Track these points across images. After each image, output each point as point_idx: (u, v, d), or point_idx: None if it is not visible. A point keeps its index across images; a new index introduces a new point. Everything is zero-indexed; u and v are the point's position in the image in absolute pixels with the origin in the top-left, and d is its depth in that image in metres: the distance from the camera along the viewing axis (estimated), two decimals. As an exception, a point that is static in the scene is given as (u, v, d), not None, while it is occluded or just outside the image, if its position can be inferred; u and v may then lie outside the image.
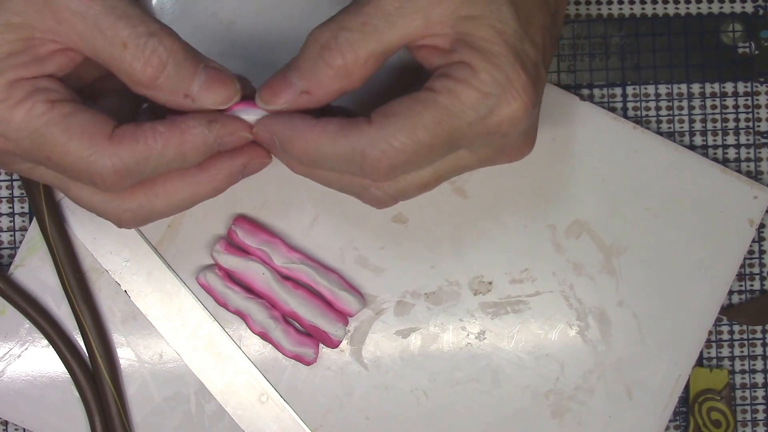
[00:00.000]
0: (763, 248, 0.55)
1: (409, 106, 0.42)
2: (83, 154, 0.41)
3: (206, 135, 0.42)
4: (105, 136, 0.42)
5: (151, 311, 0.53)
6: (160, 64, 0.41)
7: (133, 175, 0.42)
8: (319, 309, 0.52)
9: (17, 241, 0.54)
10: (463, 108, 0.41)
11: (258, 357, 0.53)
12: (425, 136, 0.41)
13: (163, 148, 0.42)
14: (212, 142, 0.43)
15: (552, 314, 0.54)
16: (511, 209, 0.53)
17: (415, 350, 0.53)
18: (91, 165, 0.41)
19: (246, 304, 0.52)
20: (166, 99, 0.42)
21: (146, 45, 0.41)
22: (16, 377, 0.53)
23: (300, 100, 0.43)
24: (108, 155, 0.41)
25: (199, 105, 0.42)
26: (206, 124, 0.42)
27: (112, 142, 0.41)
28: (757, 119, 0.55)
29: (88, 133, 0.41)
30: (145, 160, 0.42)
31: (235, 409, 0.53)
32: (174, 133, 0.42)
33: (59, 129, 0.41)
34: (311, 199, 0.53)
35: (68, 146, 0.41)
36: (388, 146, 0.41)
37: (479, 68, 0.41)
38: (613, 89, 0.55)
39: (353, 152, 0.42)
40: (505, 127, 0.42)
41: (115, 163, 0.41)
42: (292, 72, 0.43)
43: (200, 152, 0.43)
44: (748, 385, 0.55)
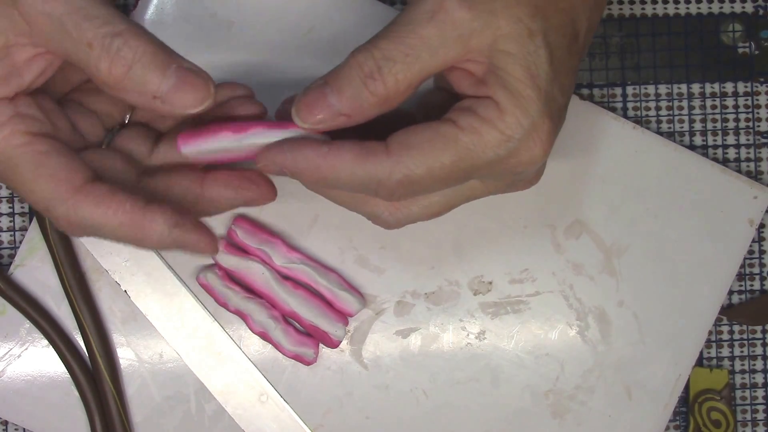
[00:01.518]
0: (763, 248, 0.55)
1: (430, 139, 0.42)
2: (45, 196, 0.41)
3: (164, 237, 0.42)
4: (71, 186, 0.41)
5: (151, 311, 0.53)
6: (125, 64, 0.40)
7: (86, 232, 0.42)
8: (319, 309, 0.52)
9: (17, 241, 0.54)
10: (485, 148, 0.41)
11: (258, 357, 0.53)
12: (443, 171, 0.42)
13: (119, 226, 0.41)
14: (168, 243, 0.42)
15: (552, 314, 0.54)
16: (511, 209, 0.53)
17: (415, 350, 0.53)
18: (50, 209, 0.41)
19: (246, 304, 0.52)
20: (135, 100, 0.42)
21: (111, 45, 0.40)
22: (16, 377, 0.53)
23: (337, 120, 0.42)
24: (65, 207, 0.41)
25: (170, 107, 0.41)
26: (169, 227, 0.42)
27: (75, 196, 0.41)
28: (757, 119, 0.55)
29: (55, 178, 0.41)
30: (99, 227, 0.41)
31: (235, 409, 0.53)
32: (136, 216, 0.41)
33: (31, 166, 0.41)
34: (311, 199, 0.53)
35: (34, 185, 0.41)
36: (405, 178, 0.41)
37: (507, 111, 0.41)
38: (613, 89, 0.55)
39: (370, 180, 0.42)
40: (521, 168, 0.43)
41: (70, 216, 0.41)
42: (332, 93, 0.42)
43: (153, 245, 0.42)
44: (748, 385, 0.55)
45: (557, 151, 0.53)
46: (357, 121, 0.42)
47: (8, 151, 0.41)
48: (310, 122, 0.42)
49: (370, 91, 0.41)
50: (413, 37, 0.41)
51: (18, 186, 0.42)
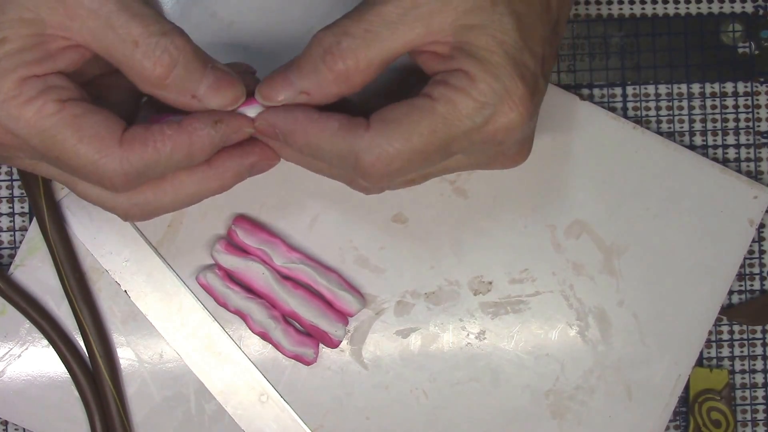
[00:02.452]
0: (763, 248, 0.55)
1: (406, 113, 0.42)
2: (93, 158, 0.42)
3: (212, 136, 0.43)
4: (115, 139, 0.42)
5: (151, 311, 0.53)
6: (170, 63, 0.42)
7: (142, 177, 0.43)
8: (319, 309, 0.52)
9: (17, 241, 0.54)
10: (460, 117, 0.42)
11: (258, 357, 0.53)
12: (420, 143, 0.42)
13: (172, 151, 0.42)
14: (218, 142, 0.43)
15: (552, 314, 0.54)
16: (511, 209, 0.53)
17: (415, 350, 0.53)
18: (101, 168, 0.42)
19: (246, 304, 0.52)
20: (174, 99, 0.43)
21: (158, 44, 0.41)
22: (16, 377, 0.53)
23: (298, 99, 0.43)
24: (118, 160, 0.42)
25: (205, 105, 0.43)
26: (212, 125, 0.43)
27: (122, 147, 0.42)
28: (757, 119, 0.55)
29: (98, 136, 0.42)
30: (154, 164, 0.42)
31: (235, 409, 0.53)
32: (182, 135, 0.42)
33: (70, 130, 0.42)
34: (311, 199, 0.53)
35: (78, 149, 0.42)
36: (383, 152, 0.42)
37: (478, 78, 0.42)
38: (613, 89, 0.55)
39: (349, 153, 0.42)
40: (500, 136, 0.43)
41: (124, 167, 0.42)
42: (292, 71, 0.43)
43: (207, 152, 0.43)
44: (748, 385, 0.55)
45: (557, 151, 0.53)
46: (318, 101, 0.43)
47: (44, 122, 0.41)
48: (271, 101, 0.44)
49: (328, 67, 0.42)
50: (373, 14, 0.42)
51: (62, 155, 0.42)
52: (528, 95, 0.42)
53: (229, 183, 0.46)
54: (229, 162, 0.45)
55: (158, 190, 0.44)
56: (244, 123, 0.44)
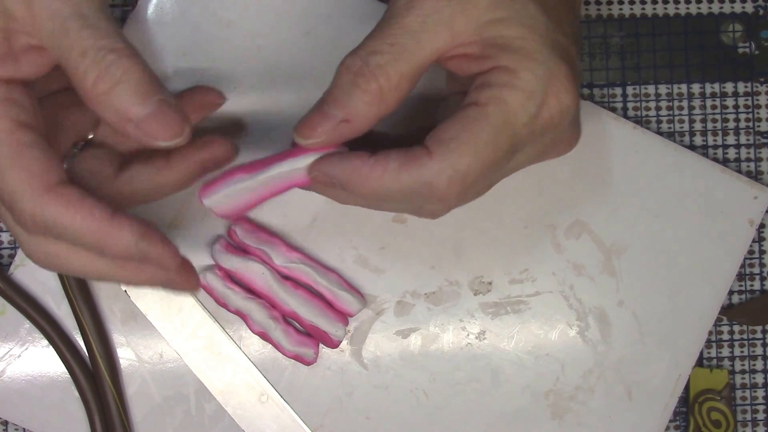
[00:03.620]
0: (763, 248, 0.55)
1: (463, 127, 0.41)
2: (16, 189, 0.40)
3: (130, 246, 0.41)
4: (44, 184, 0.41)
5: (151, 311, 0.53)
6: (111, 81, 0.40)
7: (49, 232, 0.41)
8: (319, 309, 0.52)
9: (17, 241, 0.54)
10: (516, 112, 0.41)
11: (258, 357, 0.53)
12: (489, 152, 0.41)
13: (85, 233, 0.41)
14: (133, 254, 0.41)
15: (552, 314, 0.54)
16: (511, 209, 0.53)
17: (415, 350, 0.53)
18: (17, 202, 0.41)
19: (246, 304, 0.52)
20: (110, 118, 0.41)
21: (103, 59, 0.40)
22: (16, 377, 0.53)
23: (339, 129, 0.42)
24: (33, 203, 0.40)
25: (141, 134, 0.41)
26: (136, 238, 0.41)
27: (46, 194, 0.41)
28: (757, 119, 0.55)
29: (31, 173, 0.40)
30: (63, 229, 0.41)
31: (235, 409, 0.53)
32: (103, 224, 0.41)
33: (9, 154, 0.40)
34: (311, 199, 0.53)
35: (7, 174, 0.40)
36: (456, 173, 0.41)
37: (519, 68, 0.41)
38: (613, 89, 0.55)
39: (420, 186, 0.41)
40: (556, 119, 0.42)
41: (36, 213, 0.40)
42: (328, 104, 0.42)
43: (119, 254, 0.41)
44: (748, 385, 0.55)
45: (557, 151, 0.53)
46: (360, 127, 0.42)
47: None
48: (312, 138, 0.42)
49: (362, 90, 0.41)
50: (395, 27, 0.41)
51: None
52: (571, 72, 0.42)
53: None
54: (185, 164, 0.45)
55: (71, 251, 0.43)
56: (168, 258, 0.42)
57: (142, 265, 0.43)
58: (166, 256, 0.42)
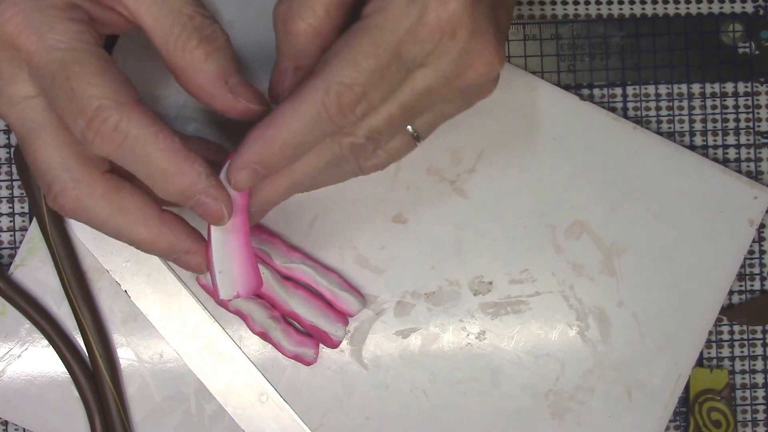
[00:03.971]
0: (763, 248, 0.55)
1: (345, 42, 0.41)
2: (104, 94, 0.40)
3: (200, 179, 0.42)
4: (132, 96, 0.41)
5: (152, 311, 0.53)
6: (215, 45, 0.43)
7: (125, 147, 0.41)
8: (319, 309, 0.52)
9: (17, 241, 0.54)
10: (394, 19, 0.40)
11: (258, 357, 0.53)
12: (369, 61, 0.40)
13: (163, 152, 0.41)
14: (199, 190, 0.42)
15: (552, 314, 0.54)
16: (511, 209, 0.53)
17: (415, 350, 0.53)
18: (103, 109, 0.40)
19: (246, 304, 0.52)
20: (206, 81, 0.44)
21: (211, 25, 0.43)
22: (16, 377, 0.53)
23: (299, 78, 0.43)
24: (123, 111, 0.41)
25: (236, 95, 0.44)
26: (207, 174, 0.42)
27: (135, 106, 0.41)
28: (757, 119, 0.55)
29: (119, 82, 0.41)
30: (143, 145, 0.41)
31: (235, 409, 0.53)
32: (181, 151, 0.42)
33: (97, 63, 0.41)
34: (311, 199, 0.53)
35: (96, 78, 0.40)
36: (340, 86, 0.40)
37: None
38: (613, 89, 0.55)
39: (316, 110, 0.41)
40: (445, 26, 0.40)
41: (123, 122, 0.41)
42: (278, 60, 0.44)
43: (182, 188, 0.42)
44: (748, 385, 0.55)
45: (557, 151, 0.53)
46: (308, 64, 0.43)
47: (77, 43, 0.41)
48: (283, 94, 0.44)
49: (293, 33, 0.42)
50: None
51: (76, 77, 0.40)
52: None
53: (160, 244, 0.44)
54: (175, 227, 0.44)
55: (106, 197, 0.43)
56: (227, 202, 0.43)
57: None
58: (225, 201, 0.43)
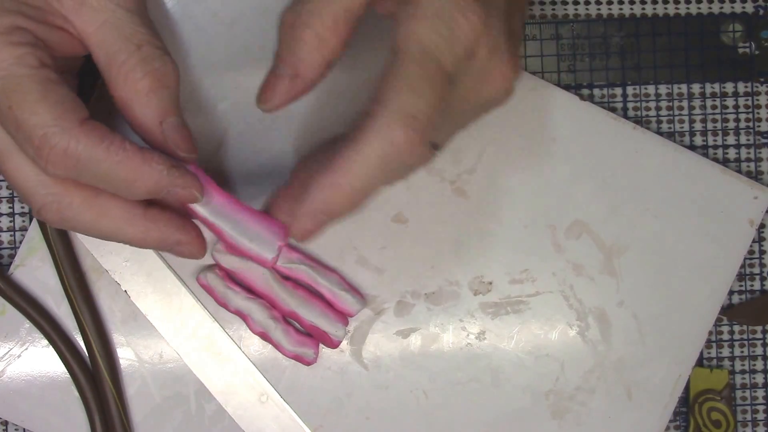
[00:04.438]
0: (763, 248, 0.55)
1: (392, 75, 0.41)
2: (47, 122, 0.40)
3: (162, 176, 0.42)
4: (77, 116, 0.41)
5: (152, 311, 0.53)
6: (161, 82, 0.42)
7: (79, 168, 0.41)
8: (319, 309, 0.52)
9: (17, 241, 0.54)
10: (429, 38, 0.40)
11: (258, 357, 0.53)
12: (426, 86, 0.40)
13: (119, 163, 0.41)
14: (164, 185, 0.42)
15: (552, 314, 0.54)
16: (511, 209, 0.53)
17: (415, 350, 0.53)
18: (48, 137, 0.40)
19: (246, 304, 0.52)
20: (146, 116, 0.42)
21: (160, 58, 0.42)
22: (16, 377, 0.53)
23: (294, 86, 0.43)
24: (69, 135, 0.40)
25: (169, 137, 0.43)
26: (168, 167, 0.42)
27: (80, 127, 0.40)
28: (757, 119, 0.55)
29: (62, 105, 0.40)
30: (97, 162, 0.41)
31: (235, 409, 0.53)
32: (137, 157, 0.41)
33: (38, 87, 0.40)
34: (311, 199, 0.53)
35: (37, 106, 0.40)
36: (405, 116, 0.40)
37: None
38: (613, 89, 0.55)
39: (384, 147, 0.41)
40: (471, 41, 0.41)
41: (71, 146, 0.40)
42: (276, 65, 0.43)
43: (149, 188, 0.42)
44: (748, 385, 0.55)
45: (557, 151, 0.53)
46: (311, 77, 0.42)
47: (15, 68, 0.40)
48: (272, 101, 0.43)
49: (297, 39, 0.42)
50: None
51: (16, 106, 0.40)
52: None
53: (150, 240, 0.44)
54: (161, 221, 0.44)
55: (85, 201, 0.43)
56: (195, 183, 0.43)
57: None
58: (195, 186, 0.43)
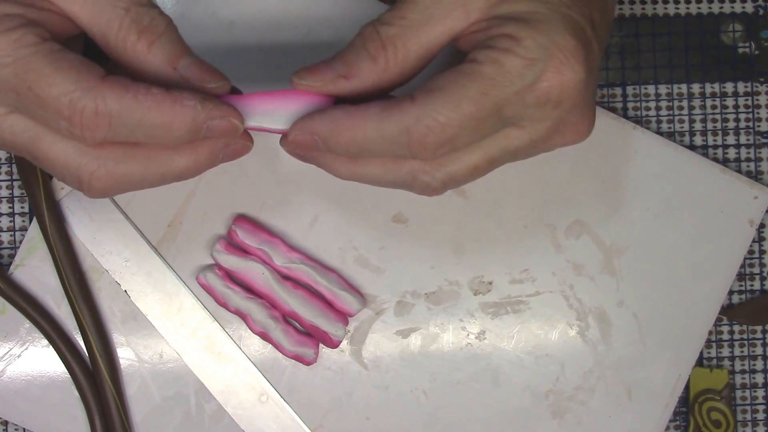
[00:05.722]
0: (763, 248, 0.55)
1: (452, 80, 0.40)
2: (69, 88, 0.39)
3: (197, 111, 0.40)
4: (96, 75, 0.40)
5: (151, 311, 0.53)
6: (157, 33, 0.41)
7: (114, 125, 0.40)
8: (319, 309, 0.52)
9: (17, 241, 0.54)
10: (509, 76, 0.40)
11: (258, 357, 0.53)
12: (471, 108, 0.40)
13: (150, 109, 0.40)
14: (201, 120, 0.41)
15: (552, 314, 0.54)
16: (511, 209, 0.53)
17: (415, 350, 0.53)
18: (75, 102, 0.39)
19: (246, 304, 0.52)
20: (155, 68, 0.41)
21: (147, 13, 0.41)
22: (16, 377, 0.53)
23: (336, 81, 0.42)
24: (94, 94, 0.39)
25: (186, 79, 0.42)
26: (200, 101, 0.41)
27: (102, 84, 0.40)
28: (757, 119, 0.55)
29: (77, 69, 0.40)
30: (129, 113, 0.40)
31: (235, 409, 0.53)
32: (165, 99, 0.40)
33: (47, 60, 0.40)
34: (311, 199, 0.53)
35: (54, 77, 0.40)
36: (434, 122, 0.40)
37: (522, 36, 0.40)
38: (613, 89, 0.55)
39: (399, 132, 0.41)
40: (554, 96, 0.41)
41: (99, 104, 0.39)
42: (336, 59, 0.43)
43: (187, 128, 0.41)
44: (748, 385, 0.55)
45: (557, 151, 0.53)
46: (355, 87, 0.42)
47: (20, 51, 0.40)
48: (307, 80, 0.42)
49: (369, 53, 0.42)
50: (409, 3, 0.42)
51: (34, 85, 0.40)
52: (580, 48, 0.40)
53: (201, 158, 0.43)
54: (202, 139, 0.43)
55: (128, 153, 0.41)
56: (232, 111, 0.42)
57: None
58: (232, 111, 0.42)
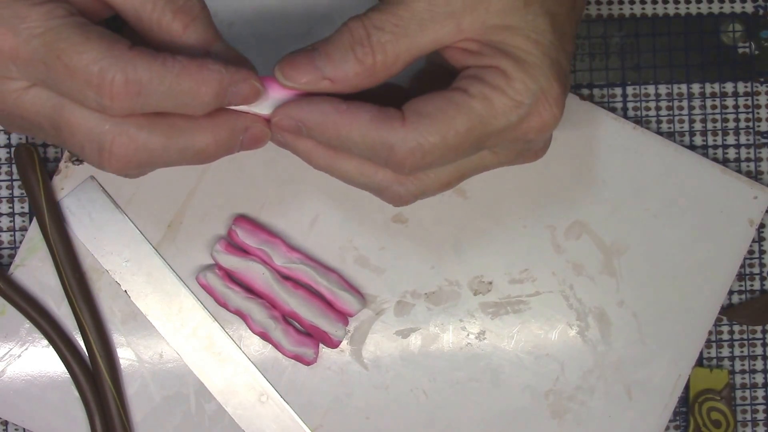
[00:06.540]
0: (763, 248, 0.55)
1: (442, 108, 0.42)
2: (98, 56, 0.40)
3: (223, 75, 0.41)
4: (125, 45, 0.41)
5: (151, 311, 0.53)
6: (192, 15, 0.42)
7: (143, 94, 0.40)
8: (319, 309, 0.52)
9: (17, 241, 0.54)
10: (496, 115, 0.42)
11: (258, 357, 0.53)
12: (455, 140, 0.42)
13: (178, 75, 0.40)
14: (227, 84, 0.41)
15: (552, 314, 0.54)
16: (511, 209, 0.53)
17: (415, 350, 0.53)
18: (104, 70, 0.40)
19: (246, 304, 0.52)
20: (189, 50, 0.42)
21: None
22: (16, 377, 0.53)
23: (321, 85, 0.43)
24: (124, 63, 0.40)
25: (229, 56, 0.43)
26: (223, 65, 0.41)
27: (131, 52, 0.40)
28: (757, 119, 0.55)
29: (106, 39, 0.40)
30: (159, 80, 0.40)
31: (235, 409, 0.53)
32: (191, 64, 0.41)
33: (77, 30, 0.40)
34: (311, 199, 0.53)
35: (84, 46, 0.40)
36: (418, 146, 0.42)
37: (514, 77, 0.42)
38: (613, 89, 0.55)
39: (382, 145, 0.42)
40: (532, 135, 0.43)
41: (129, 73, 0.40)
42: (320, 56, 0.43)
43: (214, 92, 0.41)
44: (748, 385, 0.55)
45: (557, 151, 0.53)
46: (340, 89, 0.43)
47: (50, 22, 0.40)
48: (292, 81, 0.43)
49: (357, 59, 0.42)
50: (403, 9, 0.42)
51: (64, 52, 0.40)
52: (562, 95, 0.43)
53: (221, 139, 0.43)
54: (225, 115, 0.43)
55: (152, 122, 0.42)
56: (253, 74, 0.42)
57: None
58: (252, 74, 0.42)
